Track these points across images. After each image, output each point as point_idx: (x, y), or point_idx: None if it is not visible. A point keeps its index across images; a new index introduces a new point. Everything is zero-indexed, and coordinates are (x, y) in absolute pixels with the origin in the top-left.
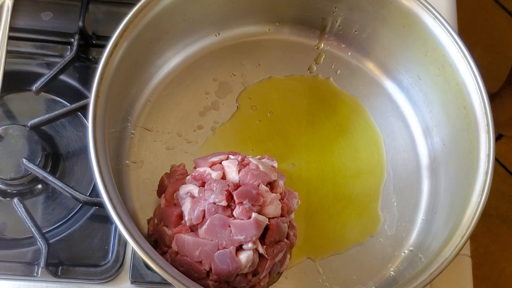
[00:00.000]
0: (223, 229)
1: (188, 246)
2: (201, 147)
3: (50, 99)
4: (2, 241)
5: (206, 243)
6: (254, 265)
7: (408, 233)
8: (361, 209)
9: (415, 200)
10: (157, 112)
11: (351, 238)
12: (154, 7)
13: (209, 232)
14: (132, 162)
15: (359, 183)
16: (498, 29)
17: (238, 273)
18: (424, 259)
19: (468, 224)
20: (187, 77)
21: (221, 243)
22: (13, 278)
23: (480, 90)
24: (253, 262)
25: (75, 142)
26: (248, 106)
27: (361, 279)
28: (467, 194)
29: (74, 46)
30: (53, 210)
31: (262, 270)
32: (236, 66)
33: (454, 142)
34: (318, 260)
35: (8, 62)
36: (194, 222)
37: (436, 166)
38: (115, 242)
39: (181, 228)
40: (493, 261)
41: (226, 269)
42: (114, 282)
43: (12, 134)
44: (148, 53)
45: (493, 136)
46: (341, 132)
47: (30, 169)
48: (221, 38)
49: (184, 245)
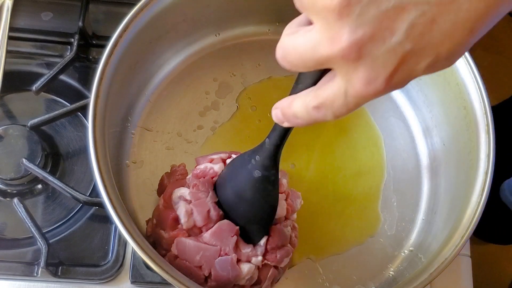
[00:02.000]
0: (230, 236)
1: (189, 250)
2: (201, 147)
3: (50, 99)
4: (2, 241)
5: (207, 248)
6: (252, 280)
7: (408, 233)
8: (361, 209)
9: (415, 200)
10: (157, 112)
11: (351, 238)
12: (154, 7)
13: (215, 236)
14: (132, 162)
15: (359, 183)
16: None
17: (235, 283)
18: (424, 259)
19: (468, 224)
20: (187, 77)
21: (224, 249)
22: (13, 278)
23: (480, 90)
24: (252, 276)
25: (75, 142)
26: (248, 106)
27: (361, 279)
28: (467, 194)
29: (74, 46)
30: (53, 210)
31: (264, 279)
32: (236, 66)
33: (454, 142)
34: (318, 260)
35: (8, 62)
36: (200, 224)
37: (436, 166)
38: (115, 242)
39: (178, 232)
40: (494, 261)
41: (225, 276)
42: (114, 282)
43: (12, 134)
44: (148, 53)
45: (493, 136)
46: (341, 132)
47: (30, 169)
48: (221, 38)
49: (185, 249)
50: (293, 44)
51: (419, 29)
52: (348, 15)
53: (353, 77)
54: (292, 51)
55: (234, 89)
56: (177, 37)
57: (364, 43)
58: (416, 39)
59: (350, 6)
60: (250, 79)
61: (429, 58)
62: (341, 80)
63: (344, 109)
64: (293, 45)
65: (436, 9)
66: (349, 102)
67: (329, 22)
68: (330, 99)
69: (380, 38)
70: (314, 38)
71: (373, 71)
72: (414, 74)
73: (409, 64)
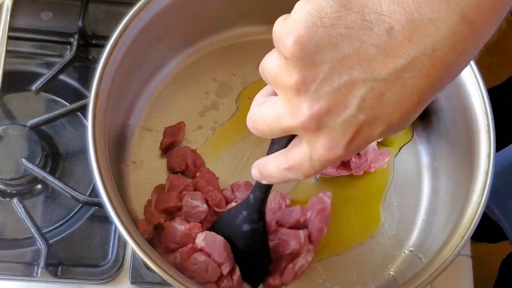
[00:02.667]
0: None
1: (219, 244)
2: (201, 147)
3: (50, 99)
4: (2, 242)
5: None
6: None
7: (408, 233)
8: (362, 210)
9: (416, 200)
10: (157, 112)
11: (352, 238)
12: (154, 7)
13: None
14: (132, 162)
15: (361, 183)
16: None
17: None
18: (425, 260)
19: (469, 224)
20: (187, 77)
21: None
22: (13, 278)
23: (480, 90)
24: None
25: (75, 142)
26: (248, 106)
27: (361, 279)
28: (467, 194)
29: (74, 46)
30: (53, 210)
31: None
32: (236, 66)
33: (455, 142)
34: (318, 260)
35: (8, 62)
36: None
37: (437, 166)
38: (114, 243)
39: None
40: (494, 261)
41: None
42: (114, 282)
43: (11, 134)
44: (148, 53)
45: (494, 136)
46: None
47: (30, 169)
48: (221, 38)
49: (215, 242)
50: (261, 115)
51: (370, 102)
52: (305, 91)
53: (315, 144)
54: (260, 122)
55: (234, 89)
56: (177, 37)
57: (321, 116)
58: (368, 111)
59: (307, 84)
60: (250, 79)
61: (382, 126)
62: (306, 146)
63: (312, 170)
64: (261, 116)
65: (383, 85)
66: (315, 165)
67: (289, 97)
68: (298, 162)
69: (336, 111)
70: (277, 111)
71: (333, 140)
72: (370, 139)
73: (364, 132)
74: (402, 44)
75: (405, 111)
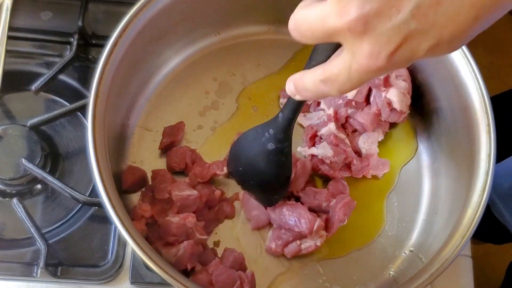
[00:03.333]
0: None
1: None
2: (201, 147)
3: (50, 99)
4: (1, 242)
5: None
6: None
7: (408, 233)
8: (363, 210)
9: (416, 200)
10: (157, 112)
11: (352, 239)
12: (154, 6)
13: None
14: (132, 162)
15: (363, 183)
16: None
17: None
18: (425, 260)
19: (469, 225)
20: (187, 77)
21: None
22: (13, 278)
23: (480, 90)
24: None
25: (75, 142)
26: (248, 106)
27: (361, 279)
28: (467, 194)
29: (74, 46)
30: (53, 210)
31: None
32: (236, 66)
33: (455, 142)
34: (318, 260)
35: (8, 62)
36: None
37: (437, 166)
38: (114, 243)
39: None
40: (494, 261)
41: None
42: (113, 282)
43: (11, 134)
44: (148, 53)
45: (494, 136)
46: None
47: (30, 169)
48: (221, 38)
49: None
50: (304, 16)
51: (424, 9)
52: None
53: (357, 51)
54: (303, 22)
55: (234, 89)
56: (177, 37)
57: (371, 18)
58: (421, 19)
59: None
60: (250, 79)
61: (431, 39)
62: (347, 55)
63: (348, 84)
64: (305, 16)
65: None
66: (352, 77)
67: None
68: (335, 73)
69: (387, 15)
70: (324, 10)
71: (377, 46)
72: (415, 55)
73: (412, 43)
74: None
75: (460, 26)
